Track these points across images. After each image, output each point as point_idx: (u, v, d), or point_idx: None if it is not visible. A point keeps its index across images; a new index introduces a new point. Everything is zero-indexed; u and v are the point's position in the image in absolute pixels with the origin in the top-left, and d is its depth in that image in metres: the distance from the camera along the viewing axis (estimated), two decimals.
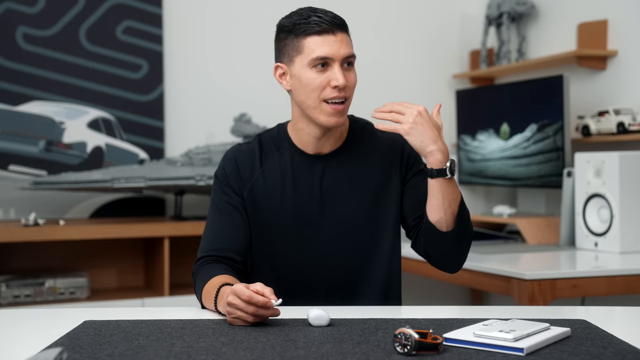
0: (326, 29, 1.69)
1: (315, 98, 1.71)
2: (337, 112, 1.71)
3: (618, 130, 2.99)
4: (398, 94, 3.96)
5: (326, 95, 1.71)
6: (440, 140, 1.66)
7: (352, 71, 1.74)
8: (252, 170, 1.82)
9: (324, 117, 1.72)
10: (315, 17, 1.70)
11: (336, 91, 1.70)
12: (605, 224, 2.79)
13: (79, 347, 1.29)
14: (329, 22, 1.69)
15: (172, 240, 3.26)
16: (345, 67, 1.72)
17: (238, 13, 3.70)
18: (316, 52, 1.69)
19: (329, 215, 1.79)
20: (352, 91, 1.75)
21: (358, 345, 1.31)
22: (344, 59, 1.71)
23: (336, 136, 1.80)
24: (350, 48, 1.72)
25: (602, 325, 1.48)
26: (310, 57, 1.70)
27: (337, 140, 1.81)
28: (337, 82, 1.69)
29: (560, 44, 3.49)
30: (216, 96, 3.65)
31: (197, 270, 1.75)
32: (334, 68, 1.70)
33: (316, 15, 1.70)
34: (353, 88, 1.75)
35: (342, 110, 1.72)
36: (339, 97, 1.70)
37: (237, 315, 1.46)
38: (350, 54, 1.72)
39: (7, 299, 3.03)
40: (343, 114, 1.73)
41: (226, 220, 1.79)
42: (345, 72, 1.71)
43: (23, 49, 3.36)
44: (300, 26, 1.71)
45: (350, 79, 1.73)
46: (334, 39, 1.70)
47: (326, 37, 1.69)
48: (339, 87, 1.69)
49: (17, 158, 3.34)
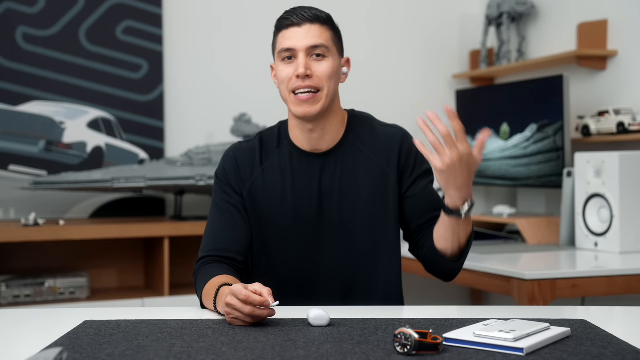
0: (293, 22, 1.71)
1: (285, 90, 1.74)
2: (302, 101, 1.71)
3: (618, 130, 2.99)
4: (398, 94, 3.96)
5: (292, 86, 1.72)
6: (465, 188, 1.58)
7: (322, 61, 1.72)
8: (252, 169, 1.82)
9: (294, 108, 1.73)
10: (290, 14, 1.73)
11: (300, 80, 1.70)
12: (605, 224, 2.79)
13: (79, 347, 1.29)
14: (298, 16, 1.72)
15: (172, 240, 3.26)
16: (315, 57, 1.72)
17: (238, 13, 3.70)
18: (281, 45, 1.73)
19: (327, 214, 1.78)
20: (325, 82, 1.72)
21: (358, 345, 1.31)
22: (309, 50, 1.71)
23: (331, 132, 1.79)
24: (317, 39, 1.71)
25: (602, 325, 1.48)
26: (277, 50, 1.74)
27: (334, 137, 1.80)
28: (297, 72, 1.70)
29: (560, 44, 3.49)
30: (216, 96, 3.65)
31: (198, 270, 1.75)
32: (298, 59, 1.71)
33: (293, 12, 1.73)
34: (325, 78, 1.72)
35: (306, 100, 1.71)
36: (302, 86, 1.71)
37: (235, 315, 1.46)
38: (315, 44, 1.71)
39: (7, 299, 3.03)
40: (312, 104, 1.71)
41: (227, 220, 1.79)
42: (313, 62, 1.71)
43: (23, 49, 3.36)
44: (277, 23, 1.76)
45: (319, 69, 1.71)
46: (298, 31, 1.71)
47: (292, 30, 1.72)
48: (300, 77, 1.70)
49: (17, 158, 3.34)
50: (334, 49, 1.75)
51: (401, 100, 3.98)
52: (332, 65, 1.73)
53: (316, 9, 1.75)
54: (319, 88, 1.72)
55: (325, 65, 1.72)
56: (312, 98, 1.71)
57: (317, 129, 1.77)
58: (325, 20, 1.75)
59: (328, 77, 1.72)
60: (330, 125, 1.78)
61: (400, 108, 3.96)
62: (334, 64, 1.74)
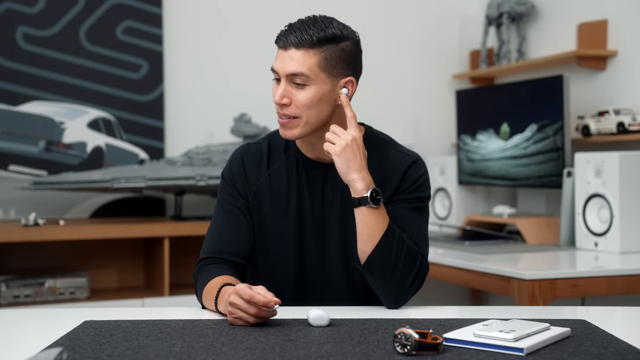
0: (283, 44, 1.68)
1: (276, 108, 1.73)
2: (282, 125, 1.70)
3: (618, 130, 2.99)
4: (398, 93, 3.96)
5: (276, 108, 1.71)
6: (365, 171, 1.63)
7: (302, 90, 1.66)
8: (259, 173, 1.81)
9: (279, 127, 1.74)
10: (285, 31, 1.69)
11: (278, 107, 1.70)
12: (605, 224, 2.79)
13: (79, 347, 1.29)
14: (287, 37, 1.67)
15: (172, 240, 3.26)
16: (295, 85, 1.67)
17: (239, 13, 3.70)
18: (273, 63, 1.71)
19: (330, 222, 1.78)
20: (303, 110, 1.67)
21: (358, 345, 1.31)
22: (289, 77, 1.67)
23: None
24: (297, 67, 1.65)
25: (602, 325, 1.48)
26: None
27: None
28: (274, 99, 1.69)
29: (560, 44, 3.49)
30: (216, 96, 3.65)
31: (199, 270, 1.75)
32: (281, 83, 1.69)
33: (289, 29, 1.68)
34: (303, 107, 1.67)
35: (285, 124, 1.69)
36: (280, 113, 1.70)
37: (239, 315, 1.46)
38: (293, 72, 1.65)
39: (7, 299, 3.03)
40: (290, 128, 1.69)
41: (230, 222, 1.79)
42: (293, 90, 1.68)
43: (23, 49, 3.36)
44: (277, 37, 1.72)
45: (297, 98, 1.67)
46: (283, 54, 1.68)
47: (282, 52, 1.69)
48: (276, 104, 1.69)
49: (17, 158, 3.34)
50: (322, 75, 1.66)
51: (401, 100, 3.98)
52: (314, 94, 1.67)
53: (315, 28, 1.66)
54: (297, 116, 1.68)
55: (304, 95, 1.67)
56: (288, 123, 1.69)
57: (317, 143, 1.74)
58: (316, 43, 1.65)
59: (306, 106, 1.67)
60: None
61: (400, 108, 3.97)
62: (316, 91, 1.67)
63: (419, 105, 3.99)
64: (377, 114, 3.76)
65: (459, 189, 3.65)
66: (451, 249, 2.98)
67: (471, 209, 3.65)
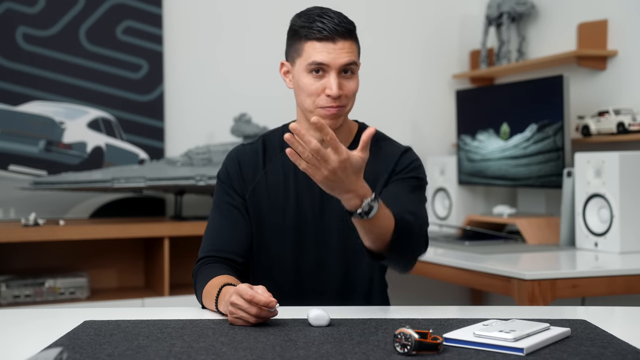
0: (327, 36, 1.67)
1: (310, 103, 1.71)
2: (329, 115, 1.69)
3: (618, 130, 2.99)
4: (398, 93, 3.96)
5: (320, 103, 1.70)
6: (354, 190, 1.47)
7: (352, 79, 1.71)
8: (255, 172, 1.81)
9: None
10: (319, 23, 1.68)
11: (330, 100, 1.69)
12: (605, 224, 2.79)
13: (79, 347, 1.29)
14: (331, 29, 1.67)
15: (172, 240, 3.25)
16: (344, 74, 1.70)
17: (239, 13, 3.70)
18: (312, 57, 1.68)
19: (327, 219, 1.78)
20: (350, 99, 1.72)
21: (358, 345, 1.31)
22: (342, 67, 1.69)
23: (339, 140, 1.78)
24: (351, 56, 1.69)
25: (602, 325, 1.48)
26: (307, 62, 1.69)
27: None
28: (331, 92, 1.67)
29: (560, 44, 3.49)
30: (216, 96, 3.65)
31: (198, 270, 1.75)
32: (330, 76, 1.68)
33: (321, 21, 1.68)
34: (351, 96, 1.72)
35: (334, 113, 1.70)
36: (332, 106, 1.69)
37: (239, 315, 1.46)
38: (349, 61, 1.69)
39: (7, 299, 3.03)
40: (336, 118, 1.70)
41: (227, 221, 1.79)
42: (343, 80, 1.69)
43: (23, 49, 3.36)
44: (304, 29, 1.70)
45: (348, 87, 1.70)
46: (332, 47, 1.68)
47: (325, 44, 1.67)
48: (332, 97, 1.68)
49: (17, 158, 3.34)
50: (359, 64, 1.74)
51: (401, 100, 3.98)
52: (358, 82, 1.73)
53: (345, 18, 1.71)
54: (345, 105, 1.71)
55: (354, 83, 1.72)
56: (338, 112, 1.70)
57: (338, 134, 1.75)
58: (354, 33, 1.72)
59: (354, 94, 1.73)
60: (339, 133, 1.76)
61: (399, 108, 3.96)
62: (358, 79, 1.73)
63: (419, 105, 3.99)
64: (377, 114, 3.76)
65: (459, 189, 3.65)
66: (451, 249, 2.98)
67: (471, 209, 3.65)
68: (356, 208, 1.49)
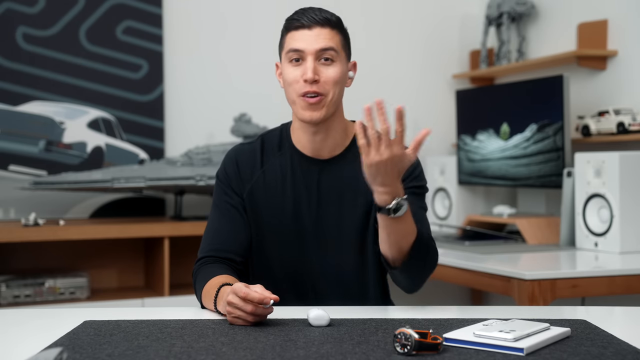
0: (304, 24, 1.70)
1: (293, 92, 1.72)
2: (310, 105, 1.70)
3: (618, 130, 2.99)
4: (397, 93, 3.96)
5: (299, 90, 1.70)
6: (389, 186, 1.53)
7: (331, 66, 1.71)
8: (253, 171, 1.81)
9: (301, 111, 1.72)
10: (300, 15, 1.72)
11: (307, 85, 1.69)
12: (605, 224, 2.79)
13: (79, 347, 1.29)
14: (309, 18, 1.70)
15: (172, 240, 3.25)
16: (323, 62, 1.70)
17: (239, 13, 3.70)
18: (290, 45, 1.71)
19: (324, 219, 1.78)
20: (332, 87, 1.70)
21: (358, 345, 1.31)
22: (318, 53, 1.70)
23: (334, 138, 1.78)
24: (327, 42, 1.70)
25: (602, 325, 1.48)
26: (285, 51, 1.73)
27: (338, 146, 1.79)
28: (305, 76, 1.68)
29: (560, 44, 3.49)
30: (216, 96, 3.65)
31: (197, 270, 1.75)
32: (307, 62, 1.69)
33: (303, 14, 1.72)
34: (332, 84, 1.70)
35: (314, 102, 1.69)
36: (310, 91, 1.69)
37: (237, 314, 1.46)
38: (324, 47, 1.69)
39: (7, 299, 3.03)
40: (318, 108, 1.70)
41: (227, 220, 1.79)
42: (321, 67, 1.70)
43: (23, 49, 3.36)
44: (286, 23, 1.74)
45: (326, 74, 1.70)
46: (308, 33, 1.70)
47: (302, 32, 1.70)
48: (308, 81, 1.68)
49: (17, 158, 3.34)
50: (342, 54, 1.74)
51: (400, 100, 3.94)
52: (340, 70, 1.72)
53: (327, 12, 1.74)
54: (325, 93, 1.70)
55: (333, 70, 1.71)
56: (317, 102, 1.70)
57: (320, 131, 1.76)
58: (336, 24, 1.73)
59: (334, 82, 1.71)
60: (334, 130, 1.77)
61: None
62: (341, 69, 1.72)
63: (419, 105, 3.99)
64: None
65: (459, 189, 3.65)
66: (451, 249, 2.98)
67: (471, 209, 3.65)
68: (386, 204, 1.54)
